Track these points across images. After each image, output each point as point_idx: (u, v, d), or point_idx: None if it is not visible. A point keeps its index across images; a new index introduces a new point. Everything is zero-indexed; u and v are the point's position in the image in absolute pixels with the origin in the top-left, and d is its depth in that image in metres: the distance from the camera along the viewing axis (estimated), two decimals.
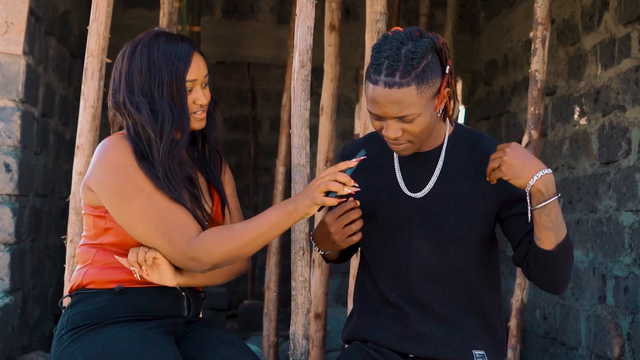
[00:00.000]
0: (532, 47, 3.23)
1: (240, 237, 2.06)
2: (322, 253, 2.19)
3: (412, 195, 2.12)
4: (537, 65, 3.21)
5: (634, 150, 3.98)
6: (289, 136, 4.98)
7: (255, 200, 7.90)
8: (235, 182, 2.44)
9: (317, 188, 2.01)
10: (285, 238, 2.32)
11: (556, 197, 1.97)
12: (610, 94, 4.24)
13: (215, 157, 2.33)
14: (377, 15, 2.92)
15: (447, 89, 2.05)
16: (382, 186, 2.16)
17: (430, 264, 2.10)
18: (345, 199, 2.07)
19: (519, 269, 3.46)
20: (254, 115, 8.21)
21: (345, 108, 6.87)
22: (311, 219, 2.28)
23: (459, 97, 6.77)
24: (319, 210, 2.04)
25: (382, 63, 1.97)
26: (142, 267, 2.10)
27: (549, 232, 1.97)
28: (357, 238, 2.07)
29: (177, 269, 2.15)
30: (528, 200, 1.98)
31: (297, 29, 2.18)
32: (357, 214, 2.07)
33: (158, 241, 2.07)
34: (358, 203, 2.09)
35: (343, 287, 6.72)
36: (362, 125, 3.22)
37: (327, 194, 2.01)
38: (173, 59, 2.14)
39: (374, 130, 2.36)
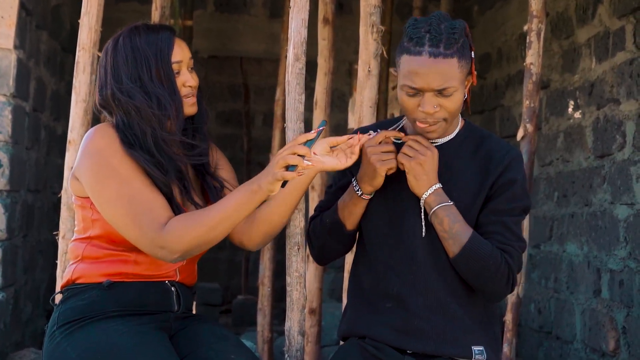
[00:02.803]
0: (527, 40, 3.22)
1: (206, 222, 2.05)
2: (362, 194, 2.16)
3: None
4: (533, 58, 3.20)
5: (629, 144, 3.98)
6: (282, 130, 4.96)
7: None
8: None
9: (276, 164, 2.01)
10: (280, 233, 2.30)
11: (441, 204, 2.05)
12: (604, 87, 4.23)
13: (206, 147, 2.31)
14: (371, 8, 2.89)
15: (474, 73, 2.09)
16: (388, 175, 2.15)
17: (440, 251, 2.10)
18: (303, 172, 2.06)
19: None
20: (247, 109, 8.19)
21: (338, 102, 6.86)
22: (306, 213, 2.26)
23: None
24: (282, 186, 2.03)
25: (423, 36, 2.01)
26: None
27: (445, 241, 2.06)
28: (393, 165, 2.09)
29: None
30: (423, 211, 2.10)
31: (291, 21, 2.16)
32: (389, 147, 2.10)
33: (129, 226, 2.05)
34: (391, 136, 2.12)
35: (337, 282, 6.70)
36: (357, 120, 3.20)
37: (288, 167, 2.00)
38: (156, 43, 2.15)
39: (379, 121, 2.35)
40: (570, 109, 4.68)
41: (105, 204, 2.07)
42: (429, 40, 2.00)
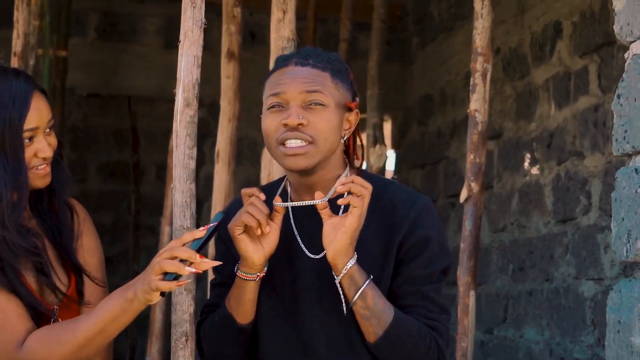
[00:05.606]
0: (471, 83, 3.30)
1: (74, 340, 2.03)
2: (239, 273, 2.14)
3: (314, 256, 2.12)
4: (477, 104, 3.28)
5: (595, 206, 4.08)
6: None
7: (135, 268, 7.76)
8: (110, 245, 2.39)
9: (152, 269, 1.98)
10: (168, 320, 2.28)
11: (369, 279, 2.05)
12: (565, 138, 4.35)
13: (66, 217, 2.28)
14: (283, 41, 2.93)
15: (357, 111, 2.15)
16: (278, 247, 2.15)
17: (339, 336, 2.10)
18: (188, 280, 2.04)
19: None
20: (136, 160, 8.12)
21: (249, 154, 6.86)
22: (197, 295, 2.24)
23: (388, 140, 6.85)
24: (162, 295, 1.99)
25: (290, 55, 2.17)
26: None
27: (367, 321, 2.06)
28: (240, 224, 2.06)
29: None
30: (341, 292, 2.08)
31: (180, 59, 2.17)
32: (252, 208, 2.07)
33: None
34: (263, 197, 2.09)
35: None
36: (266, 175, 3.22)
37: (165, 275, 1.97)
38: (6, 102, 2.09)
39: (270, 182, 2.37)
40: (526, 164, 4.79)
41: None
42: (296, 55, 2.15)
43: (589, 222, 4.11)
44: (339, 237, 2.02)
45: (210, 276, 3.97)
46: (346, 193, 2.03)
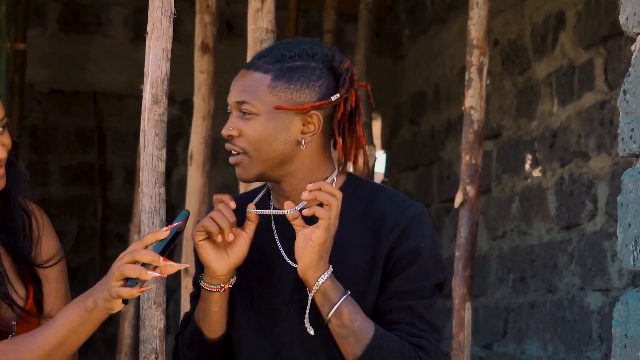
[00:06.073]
0: (467, 77, 3.31)
1: (30, 356, 2.02)
2: (202, 283, 2.15)
3: (296, 265, 2.13)
4: (473, 100, 3.29)
5: (601, 211, 4.09)
6: None
7: None
8: (74, 255, 2.38)
9: (112, 275, 1.98)
10: (138, 336, 2.27)
11: (345, 295, 2.05)
12: (569, 138, 4.36)
13: (23, 223, 2.28)
14: (261, 33, 2.94)
15: (315, 112, 2.11)
16: (257, 256, 2.16)
17: (319, 355, 2.12)
18: (151, 286, 2.03)
19: None
20: (103, 163, 8.11)
21: (225, 155, 6.86)
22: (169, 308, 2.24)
23: (377, 140, 6.86)
24: (125, 303, 1.99)
25: (257, 53, 2.20)
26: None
27: (344, 340, 2.06)
28: (201, 229, 2.07)
29: None
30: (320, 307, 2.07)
31: (148, 51, 2.17)
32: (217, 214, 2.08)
33: None
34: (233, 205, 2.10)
35: None
36: None
37: (127, 281, 1.97)
38: None
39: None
40: (527, 166, 4.80)
41: None
42: (258, 53, 2.19)
43: (595, 229, 4.12)
44: (306, 251, 2.02)
45: (187, 287, 3.97)
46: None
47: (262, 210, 2.15)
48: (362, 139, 2.19)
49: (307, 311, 2.09)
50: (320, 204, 2.02)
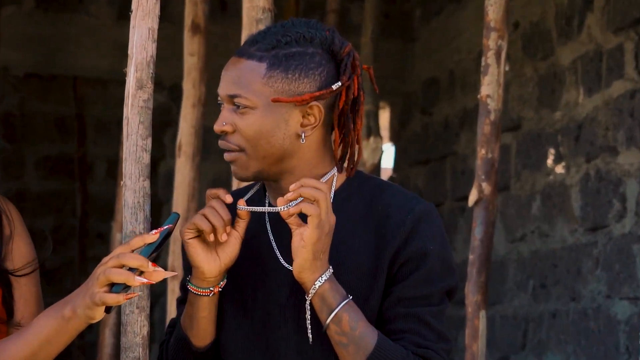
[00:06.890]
0: (483, 63, 3.31)
1: None
2: (189, 286, 2.16)
3: (290, 267, 2.14)
4: (490, 88, 3.28)
5: (630, 211, 4.08)
6: None
7: (82, 282, 7.78)
8: (51, 255, 2.39)
9: (96, 279, 1.98)
10: (119, 343, 2.28)
11: (346, 300, 2.05)
12: (596, 130, 4.35)
13: None
14: (258, 12, 2.95)
15: (315, 103, 2.11)
16: (249, 257, 2.16)
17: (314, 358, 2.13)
18: (139, 293, 2.04)
19: None
20: (83, 153, 8.13)
21: (217, 146, 6.88)
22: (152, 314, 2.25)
23: (385, 131, 6.86)
24: (107, 312, 1.99)
25: (249, 38, 2.17)
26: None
27: (343, 349, 2.06)
28: (192, 226, 2.08)
29: None
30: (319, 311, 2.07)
31: (132, 31, 2.17)
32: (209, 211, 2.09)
33: None
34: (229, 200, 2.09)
35: None
36: None
37: (112, 286, 1.97)
38: None
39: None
40: (549, 161, 4.80)
41: None
42: (249, 39, 2.15)
43: (624, 231, 4.12)
44: (299, 252, 2.03)
45: (174, 292, 3.97)
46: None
47: (254, 207, 2.15)
48: (359, 133, 2.19)
49: (308, 315, 2.10)
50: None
